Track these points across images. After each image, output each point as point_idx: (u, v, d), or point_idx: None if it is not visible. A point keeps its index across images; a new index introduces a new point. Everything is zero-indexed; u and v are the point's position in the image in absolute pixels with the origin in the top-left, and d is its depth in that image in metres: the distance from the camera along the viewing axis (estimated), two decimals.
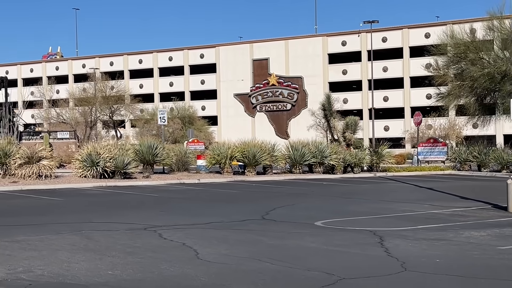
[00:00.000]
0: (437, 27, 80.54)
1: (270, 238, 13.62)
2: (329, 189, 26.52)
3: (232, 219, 16.65)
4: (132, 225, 15.49)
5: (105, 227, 15.03)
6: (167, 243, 12.96)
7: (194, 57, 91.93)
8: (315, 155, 33.76)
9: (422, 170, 37.62)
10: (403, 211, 18.35)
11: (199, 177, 31.13)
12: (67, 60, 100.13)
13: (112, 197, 22.63)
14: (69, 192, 24.38)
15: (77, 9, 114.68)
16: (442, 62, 35.13)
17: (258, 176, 32.29)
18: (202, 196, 23.53)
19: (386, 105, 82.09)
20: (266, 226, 15.53)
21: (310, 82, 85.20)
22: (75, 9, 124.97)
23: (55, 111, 67.65)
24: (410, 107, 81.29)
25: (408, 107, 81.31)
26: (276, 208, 18.93)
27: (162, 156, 31.01)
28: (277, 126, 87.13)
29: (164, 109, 37.10)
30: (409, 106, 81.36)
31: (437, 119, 71.32)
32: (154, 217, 17.22)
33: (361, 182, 30.57)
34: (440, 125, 71.03)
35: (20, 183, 25.84)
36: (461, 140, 66.73)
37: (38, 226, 15.22)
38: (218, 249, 12.20)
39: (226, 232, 14.49)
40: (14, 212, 18.18)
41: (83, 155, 28.44)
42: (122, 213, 18.03)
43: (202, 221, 16.09)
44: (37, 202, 20.75)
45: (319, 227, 15.22)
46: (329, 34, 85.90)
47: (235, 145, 33.21)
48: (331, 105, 38.98)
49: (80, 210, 18.91)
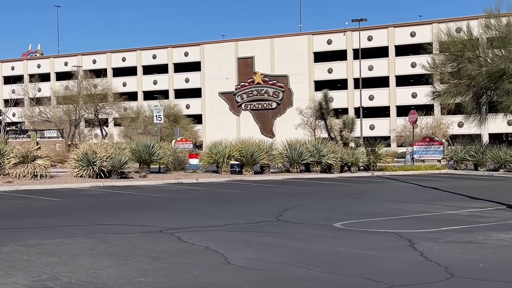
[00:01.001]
0: (422, 26, 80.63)
1: (294, 241, 13.09)
2: (333, 188, 26.04)
3: (246, 220, 16.11)
4: (145, 227, 14.90)
5: (119, 230, 14.44)
6: (189, 247, 12.39)
7: (179, 55, 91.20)
8: (313, 154, 33.30)
9: (419, 169, 37.30)
10: (419, 212, 17.89)
11: (196, 176, 30.54)
12: (49, 58, 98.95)
13: (114, 198, 21.98)
14: (67, 192, 23.69)
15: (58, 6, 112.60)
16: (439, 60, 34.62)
17: (256, 176, 31.77)
18: (205, 197, 22.95)
19: (372, 104, 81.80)
20: (284, 228, 15.00)
21: (295, 80, 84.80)
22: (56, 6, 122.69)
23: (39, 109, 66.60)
24: (395, 105, 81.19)
25: (394, 106, 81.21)
26: (287, 209, 18.41)
27: (159, 155, 30.37)
28: (262, 124, 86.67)
29: (161, 108, 36.38)
30: (395, 105, 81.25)
31: (423, 118, 71.10)
32: (165, 218, 16.64)
33: (362, 181, 30.14)
34: (427, 123, 70.82)
35: (15, 183, 25.11)
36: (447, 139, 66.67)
37: (48, 229, 14.58)
38: (246, 253, 11.65)
39: (246, 234, 13.95)
40: (18, 214, 17.50)
41: (79, 154, 27.73)
42: (130, 215, 17.42)
43: (217, 223, 15.54)
44: (38, 203, 20.06)
45: (340, 229, 14.72)
46: (315, 32, 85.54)
47: (231, 144, 32.65)
48: (328, 103, 38.50)
49: (85, 211, 18.26)
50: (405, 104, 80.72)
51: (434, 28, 79.75)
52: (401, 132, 72.89)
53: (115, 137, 76.22)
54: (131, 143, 31.10)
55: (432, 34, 79.85)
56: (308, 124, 68.64)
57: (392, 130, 77.06)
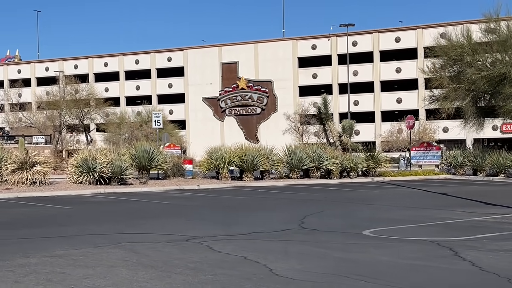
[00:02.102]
0: (407, 31, 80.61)
1: (332, 250, 12.55)
2: (340, 195, 25.55)
3: (270, 228, 15.56)
4: (169, 236, 14.28)
5: (143, 239, 13.80)
6: (226, 257, 11.80)
7: (162, 60, 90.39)
8: (313, 159, 32.80)
9: (417, 175, 36.93)
10: (442, 219, 17.43)
11: (196, 182, 29.92)
12: (30, 63, 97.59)
13: (123, 205, 21.29)
14: (70, 199, 22.95)
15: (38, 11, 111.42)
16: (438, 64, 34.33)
17: (257, 182, 31.20)
18: (214, 204, 22.32)
19: (357, 109, 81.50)
20: (313, 236, 14.46)
21: (280, 86, 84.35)
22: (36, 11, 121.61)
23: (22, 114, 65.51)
24: (380, 111, 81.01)
25: (379, 111, 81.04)
26: (306, 216, 17.86)
27: (158, 161, 29.68)
28: (247, 130, 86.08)
29: (160, 113, 35.67)
30: (380, 110, 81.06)
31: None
32: (184, 226, 16.03)
33: (365, 187, 29.70)
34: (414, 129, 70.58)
35: (15, 190, 24.30)
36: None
37: (68, 238, 13.91)
38: (289, 264, 11.10)
39: (278, 243, 13.38)
40: (30, 223, 16.76)
41: (78, 160, 26.98)
42: (147, 223, 16.78)
43: (241, 231, 14.97)
44: (47, 212, 19.32)
45: (372, 238, 14.20)
46: (299, 37, 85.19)
47: (231, 149, 32.07)
48: (328, 108, 38.08)
49: (99, 219, 17.56)
50: (390, 109, 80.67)
51: (419, 34, 79.94)
52: (387, 138, 72.72)
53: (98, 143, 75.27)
54: (130, 148, 30.42)
55: (416, 39, 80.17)
56: (296, 129, 68.19)
57: (378, 136, 76.83)
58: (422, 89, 79.91)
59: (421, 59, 79.56)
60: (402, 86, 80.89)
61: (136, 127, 59.66)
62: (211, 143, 66.86)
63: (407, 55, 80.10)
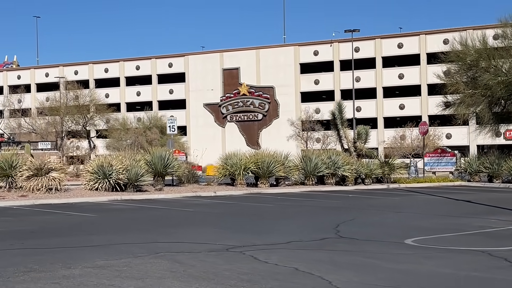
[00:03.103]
0: (409, 37, 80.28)
1: (382, 261, 12.04)
2: (363, 202, 25.07)
3: (307, 237, 15.07)
4: (207, 245, 13.76)
5: (181, 248, 13.30)
6: (275, 268, 11.30)
7: (163, 66, 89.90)
8: (328, 166, 32.30)
9: (432, 181, 36.46)
10: (480, 227, 16.98)
11: (212, 189, 29.38)
12: (29, 69, 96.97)
13: (146, 213, 20.73)
14: (90, 206, 22.38)
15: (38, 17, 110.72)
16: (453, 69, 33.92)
17: (273, 188, 30.69)
18: (238, 211, 21.75)
19: (359, 115, 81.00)
20: (356, 245, 13.96)
21: (281, 92, 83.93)
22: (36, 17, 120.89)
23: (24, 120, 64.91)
24: (383, 117, 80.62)
25: (381, 118, 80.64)
26: (339, 225, 17.36)
27: (174, 167, 29.14)
28: (248, 136, 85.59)
29: (174, 118, 35.10)
30: (382, 117, 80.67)
31: (413, 130, 70.55)
32: (217, 235, 15.52)
33: (385, 194, 29.22)
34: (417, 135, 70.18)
35: (31, 197, 23.71)
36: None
37: (103, 248, 13.37)
38: (345, 276, 10.61)
39: (323, 253, 12.88)
40: (57, 231, 16.19)
41: (94, 166, 26.43)
42: (178, 231, 16.25)
43: (278, 240, 14.46)
44: (70, 219, 18.76)
45: (418, 247, 13.70)
46: (301, 43, 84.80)
47: (245, 156, 31.55)
48: (343, 113, 37.61)
49: (126, 228, 17.00)
50: (393, 115, 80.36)
51: (421, 40, 79.63)
52: (391, 144, 72.24)
53: (100, 150, 74.60)
54: (144, 154, 29.88)
55: (419, 45, 79.86)
56: (300, 135, 67.75)
57: (381, 142, 76.31)
58: (425, 95, 79.74)
59: (424, 65, 79.43)
60: (405, 92, 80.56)
61: (140, 133, 59.06)
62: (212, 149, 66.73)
63: (410, 61, 79.77)
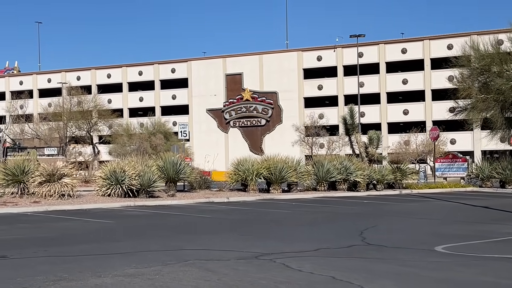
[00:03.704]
0: (413, 42, 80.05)
1: (419, 269, 11.73)
2: (381, 208, 24.79)
3: (334, 244, 14.77)
4: (234, 252, 13.46)
5: (209, 256, 13.00)
6: (312, 276, 11.00)
7: (165, 72, 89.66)
8: (340, 171, 32.02)
9: (443, 187, 36.18)
10: (509, 234, 16.69)
11: (224, 195, 29.07)
12: (32, 75, 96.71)
13: (163, 219, 20.40)
14: (105, 213, 22.06)
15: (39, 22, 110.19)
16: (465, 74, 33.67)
17: (285, 194, 30.38)
18: (256, 218, 21.43)
19: (363, 120, 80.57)
20: (386, 253, 13.66)
21: (285, 97, 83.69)
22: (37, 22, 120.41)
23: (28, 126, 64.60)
24: (387, 122, 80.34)
25: (385, 123, 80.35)
26: (363, 232, 17.05)
27: (186, 173, 28.85)
28: (251, 142, 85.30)
29: (186, 123, 34.85)
30: (386, 122, 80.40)
31: (418, 135, 70.27)
32: (242, 242, 15.24)
33: (400, 200, 28.94)
34: (422, 141, 69.90)
35: (43, 203, 23.39)
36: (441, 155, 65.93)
37: (129, 255, 13.06)
38: (385, 285, 10.34)
39: (356, 261, 12.57)
40: (78, 238, 15.86)
41: (106, 172, 26.13)
42: (201, 238, 15.95)
43: (306, 247, 14.16)
44: (88, 226, 18.44)
45: (452, 255, 13.41)
46: (304, 49, 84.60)
47: (257, 161, 31.27)
48: (354, 118, 37.35)
49: (146, 234, 16.67)
50: (397, 121, 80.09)
51: (425, 45, 79.44)
52: (396, 149, 71.89)
53: (103, 155, 74.21)
54: (157, 160, 29.58)
55: (423, 50, 79.64)
56: (305, 141, 67.45)
57: (386, 147, 75.92)
58: (430, 101, 79.52)
59: (428, 70, 79.23)
60: (409, 98, 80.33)
61: (145, 138, 58.75)
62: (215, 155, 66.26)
63: (414, 66, 79.57)
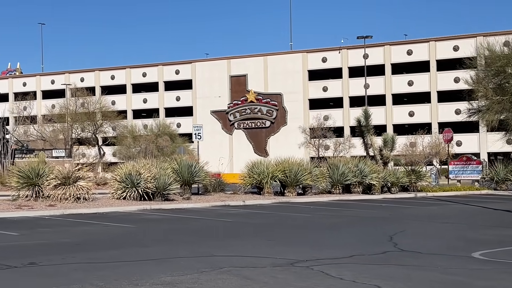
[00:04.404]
0: (418, 44, 79.70)
1: (462, 277, 11.34)
2: (401, 211, 24.44)
3: (367, 250, 14.36)
4: (268, 259, 13.05)
5: (243, 262, 12.61)
6: (356, 285, 10.63)
7: (169, 73, 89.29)
8: (356, 174, 31.66)
9: (458, 190, 35.83)
10: None
11: (240, 198, 28.67)
12: (35, 76, 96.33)
13: (184, 223, 20.00)
14: (123, 217, 21.66)
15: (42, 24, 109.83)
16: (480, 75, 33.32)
17: (301, 197, 30.01)
18: (277, 221, 20.99)
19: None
20: (423, 260, 13.24)
21: (289, 99, 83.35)
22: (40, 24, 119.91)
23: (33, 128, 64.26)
24: (392, 124, 79.96)
25: (390, 125, 79.94)
26: (392, 237, 16.66)
27: (201, 176, 28.49)
28: (256, 143, 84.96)
29: (200, 125, 34.49)
30: (391, 124, 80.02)
31: (425, 137, 69.97)
32: (270, 248, 14.85)
33: (418, 203, 28.57)
34: (429, 143, 69.56)
35: (59, 207, 22.99)
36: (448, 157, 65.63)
37: (161, 262, 12.67)
38: None
39: (395, 269, 12.17)
40: (103, 243, 15.42)
41: (121, 175, 25.75)
42: (229, 243, 15.54)
43: (340, 254, 13.75)
44: (110, 230, 18.04)
45: (493, 262, 13.04)
46: (309, 50, 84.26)
47: (271, 164, 30.90)
48: (368, 120, 36.99)
49: (172, 239, 16.26)
50: (402, 123, 79.78)
51: (431, 46, 79.08)
52: (402, 152, 71.50)
53: (107, 157, 73.88)
54: (172, 162, 29.21)
55: (429, 52, 79.28)
56: (312, 143, 67.08)
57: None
58: (435, 102, 79.18)
59: (434, 72, 78.90)
60: (414, 99, 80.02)
61: (151, 140, 58.41)
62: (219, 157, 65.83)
63: (419, 68, 79.26)
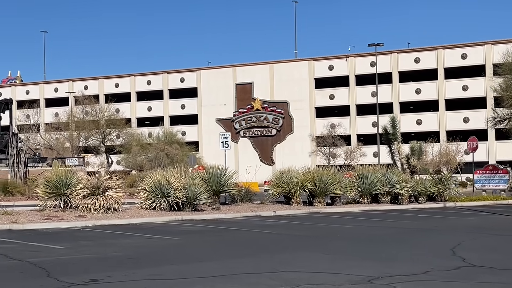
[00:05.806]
0: (426, 52, 79.25)
1: None
2: (442, 223, 23.75)
3: (439, 266, 13.56)
4: (342, 276, 12.31)
5: (317, 280, 11.87)
6: None
7: (174, 81, 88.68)
8: (384, 183, 30.99)
9: (485, 200, 35.22)
10: None
11: (269, 208, 27.97)
12: (38, 84, 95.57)
13: (227, 235, 19.22)
14: (159, 228, 20.91)
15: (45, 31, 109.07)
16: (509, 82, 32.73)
17: (330, 207, 29.30)
18: (323, 233, 20.23)
19: (375, 130, 79.86)
20: (502, 276, 12.49)
21: (296, 107, 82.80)
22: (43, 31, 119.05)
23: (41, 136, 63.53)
24: (400, 133, 79.23)
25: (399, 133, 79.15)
26: (454, 250, 15.94)
27: (230, 185, 27.78)
28: (262, 151, 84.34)
29: (228, 134, 33.81)
30: (400, 132, 79.25)
31: (434, 145, 69.39)
32: (334, 263, 14.13)
33: (452, 213, 27.88)
34: (439, 151, 68.95)
35: (90, 218, 22.22)
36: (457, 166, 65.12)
37: (231, 278, 11.90)
38: None
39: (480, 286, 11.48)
40: (157, 257, 14.62)
41: (151, 184, 25.02)
42: (286, 257, 14.78)
43: (413, 270, 12.97)
44: (155, 243, 17.27)
45: None
46: (315, 58, 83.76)
47: (299, 173, 30.21)
48: (396, 128, 36.32)
49: (226, 253, 15.48)
50: (410, 131, 79.16)
51: (439, 54, 78.61)
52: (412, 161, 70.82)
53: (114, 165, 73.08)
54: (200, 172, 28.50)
55: (437, 60, 78.82)
56: (322, 151, 66.46)
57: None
58: (443, 111, 78.70)
59: (442, 80, 78.39)
60: (422, 108, 79.54)
61: (161, 148, 57.71)
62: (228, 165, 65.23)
63: (427, 76, 78.85)
